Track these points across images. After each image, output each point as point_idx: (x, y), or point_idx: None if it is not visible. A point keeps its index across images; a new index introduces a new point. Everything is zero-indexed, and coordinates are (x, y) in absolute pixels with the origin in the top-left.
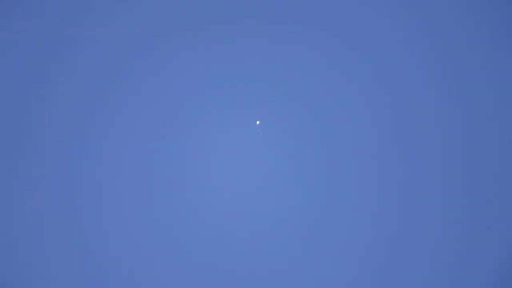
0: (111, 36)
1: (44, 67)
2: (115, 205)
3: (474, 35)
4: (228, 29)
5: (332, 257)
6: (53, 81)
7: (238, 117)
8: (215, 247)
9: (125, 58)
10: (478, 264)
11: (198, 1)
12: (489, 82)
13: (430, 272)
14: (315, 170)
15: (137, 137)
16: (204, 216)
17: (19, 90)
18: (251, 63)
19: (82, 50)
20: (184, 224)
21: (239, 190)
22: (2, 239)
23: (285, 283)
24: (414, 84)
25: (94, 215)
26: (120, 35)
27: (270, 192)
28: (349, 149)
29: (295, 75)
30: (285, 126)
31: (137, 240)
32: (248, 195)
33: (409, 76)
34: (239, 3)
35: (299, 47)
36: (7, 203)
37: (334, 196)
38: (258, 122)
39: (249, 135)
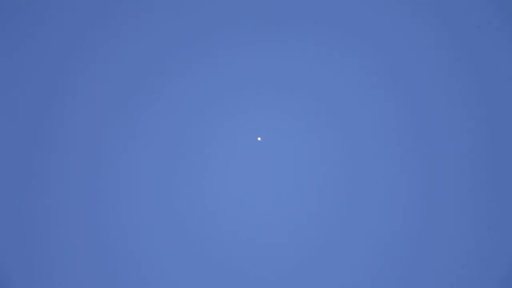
0: (127, 44)
1: (64, 73)
2: (130, 210)
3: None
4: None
5: (347, 264)
6: (72, 86)
7: (253, 119)
8: (230, 252)
9: (143, 66)
10: (478, 264)
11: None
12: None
13: (435, 273)
14: (329, 171)
15: (160, 140)
16: (219, 221)
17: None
18: (262, 65)
19: (99, 57)
20: (201, 230)
21: (253, 192)
22: (17, 239)
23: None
24: (424, 82)
25: (109, 220)
26: (136, 44)
27: (284, 196)
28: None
29: (304, 75)
30: (298, 127)
31: (152, 244)
32: (262, 198)
33: (420, 74)
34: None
35: (307, 47)
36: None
37: (349, 199)
38: (259, 139)
39: (264, 138)
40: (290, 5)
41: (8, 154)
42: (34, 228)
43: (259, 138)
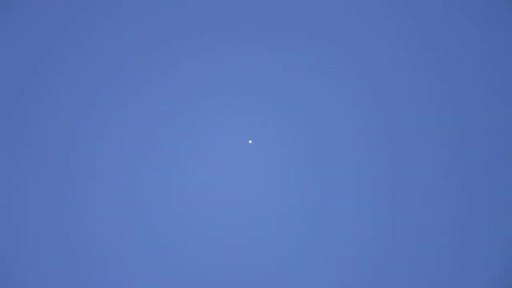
0: (110, 38)
1: (41, 66)
2: (108, 208)
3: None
4: (226, 34)
5: (330, 260)
6: (50, 80)
7: (234, 120)
8: (209, 252)
9: (123, 60)
10: (478, 264)
11: (196, 6)
12: (487, 83)
13: (429, 273)
14: (312, 173)
15: (132, 139)
16: (199, 219)
17: (16, 89)
18: (247, 68)
19: (79, 50)
20: (179, 229)
21: (235, 192)
22: None
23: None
24: (410, 86)
25: (85, 216)
26: (119, 37)
27: (266, 196)
28: (346, 152)
29: (292, 80)
30: (281, 129)
31: (130, 243)
32: (244, 199)
33: (405, 79)
34: (237, 9)
35: (297, 52)
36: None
37: (330, 198)
38: (250, 142)
39: (245, 139)
40: (280, 12)
41: None
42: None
43: (250, 141)
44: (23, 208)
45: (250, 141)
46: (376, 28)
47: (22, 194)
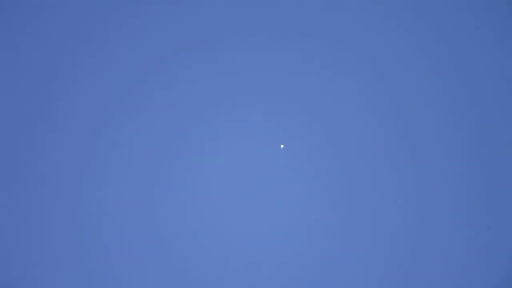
0: (124, 46)
1: (57, 70)
2: (120, 214)
3: (475, 35)
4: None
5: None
6: (64, 83)
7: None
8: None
9: (138, 67)
10: (478, 264)
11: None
12: (491, 82)
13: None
14: (325, 175)
15: (146, 143)
16: (214, 229)
17: (32, 92)
18: (254, 71)
19: (94, 57)
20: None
21: (246, 198)
22: (2, 240)
23: None
24: (418, 84)
25: (95, 221)
26: (134, 45)
27: (277, 201)
28: (357, 152)
29: (300, 81)
30: (292, 131)
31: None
32: (255, 204)
33: (412, 77)
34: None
35: (303, 53)
36: (8, 204)
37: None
38: (282, 146)
39: (255, 143)
40: (287, 16)
41: None
42: (18, 226)
43: (282, 146)
44: (34, 213)
45: (282, 146)
46: (391, 27)
47: (34, 199)
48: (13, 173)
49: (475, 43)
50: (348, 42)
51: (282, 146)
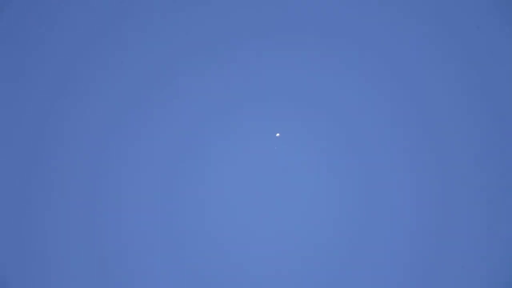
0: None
1: (71, 79)
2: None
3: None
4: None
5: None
6: (80, 90)
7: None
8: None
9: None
10: (478, 264)
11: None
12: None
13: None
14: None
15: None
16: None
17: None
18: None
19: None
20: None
21: (263, 204)
22: (16, 242)
23: None
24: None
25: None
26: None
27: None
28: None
29: (313, 82)
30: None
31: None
32: (271, 212)
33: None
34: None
35: (315, 54)
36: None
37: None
38: (278, 135)
39: (272, 149)
40: (292, 15)
41: (10, 153)
42: (32, 227)
43: (278, 134)
44: (52, 221)
45: (277, 134)
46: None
47: (52, 207)
48: (25, 174)
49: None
50: (359, 42)
51: (278, 134)
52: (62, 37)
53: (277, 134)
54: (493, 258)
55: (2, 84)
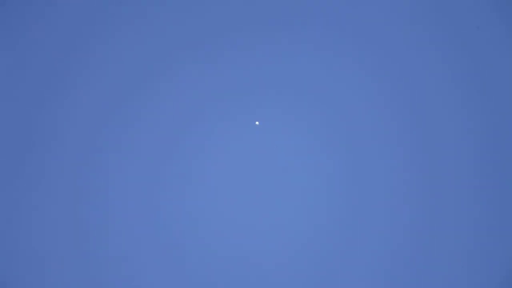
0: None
1: (57, 74)
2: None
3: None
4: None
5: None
6: (66, 88)
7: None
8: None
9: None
10: (478, 264)
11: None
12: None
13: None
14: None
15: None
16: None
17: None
18: (257, 67)
19: (94, 59)
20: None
21: (250, 199)
22: (4, 240)
23: None
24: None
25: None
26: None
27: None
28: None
29: (302, 76)
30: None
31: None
32: (258, 206)
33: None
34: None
35: (305, 47)
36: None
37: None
38: (257, 123)
39: (259, 141)
40: (289, 8)
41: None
42: (18, 225)
43: (257, 123)
44: (37, 209)
45: (257, 123)
46: (409, 28)
47: (37, 196)
48: (14, 173)
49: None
50: (355, 37)
51: (257, 123)
52: (50, 30)
53: (257, 123)
54: (483, 255)
55: None
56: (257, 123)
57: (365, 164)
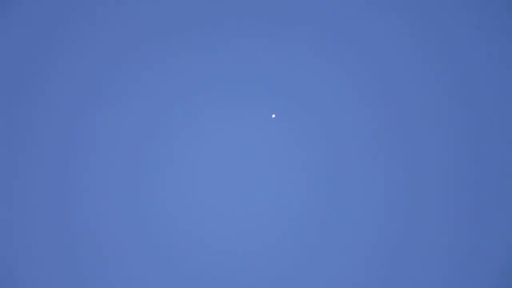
0: (104, 34)
1: (34, 66)
2: (105, 207)
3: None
4: (225, 28)
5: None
6: (43, 80)
7: (238, 118)
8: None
9: (118, 57)
10: (477, 264)
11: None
12: (490, 82)
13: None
14: (318, 173)
15: (129, 137)
16: (198, 221)
17: (9, 91)
18: (249, 63)
19: (73, 49)
20: (178, 231)
21: (238, 194)
22: None
23: None
24: (417, 84)
25: (83, 216)
26: (114, 33)
27: (270, 197)
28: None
29: (295, 76)
30: (286, 127)
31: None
32: (248, 200)
33: (412, 76)
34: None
35: (300, 47)
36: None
37: (339, 201)
38: (273, 116)
39: (249, 137)
40: (283, 7)
41: None
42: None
43: (273, 116)
44: (20, 209)
45: (273, 116)
46: (389, 26)
47: (19, 195)
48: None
49: (475, 43)
50: (347, 41)
51: (273, 116)
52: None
53: (273, 115)
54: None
55: None
56: (273, 116)
57: (350, 162)
